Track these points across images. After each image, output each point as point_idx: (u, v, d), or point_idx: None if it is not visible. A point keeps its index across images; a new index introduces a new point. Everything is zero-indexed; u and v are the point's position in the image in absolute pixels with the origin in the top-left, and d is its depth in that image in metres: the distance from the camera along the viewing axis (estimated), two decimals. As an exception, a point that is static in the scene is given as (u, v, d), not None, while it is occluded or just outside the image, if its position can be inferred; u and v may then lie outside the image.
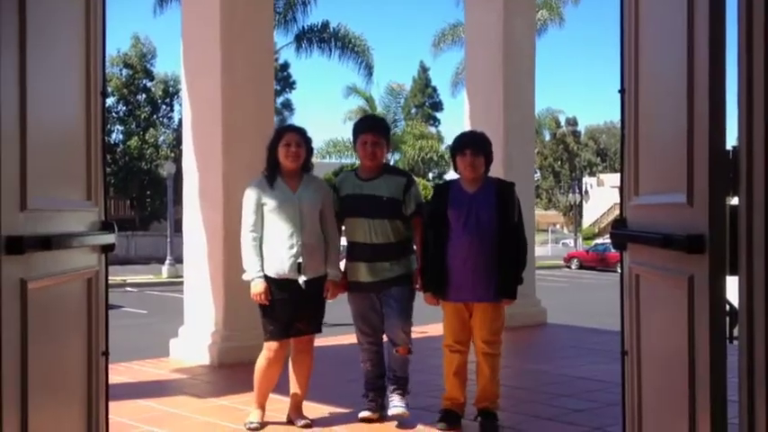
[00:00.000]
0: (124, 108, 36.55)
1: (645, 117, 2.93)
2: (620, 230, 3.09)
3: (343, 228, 4.84)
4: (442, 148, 33.49)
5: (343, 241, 5.01)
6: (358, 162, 4.94)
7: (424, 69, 50.34)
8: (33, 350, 2.45)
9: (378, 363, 4.90)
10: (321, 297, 4.62)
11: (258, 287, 4.49)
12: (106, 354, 3.09)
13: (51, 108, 2.70)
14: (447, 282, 4.60)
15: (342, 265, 4.85)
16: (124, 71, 36.05)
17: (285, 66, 39.47)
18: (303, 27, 28.60)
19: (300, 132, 4.66)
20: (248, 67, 7.04)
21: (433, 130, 44.91)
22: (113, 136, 35.60)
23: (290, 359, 4.74)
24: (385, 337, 4.89)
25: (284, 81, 40.08)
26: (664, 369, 2.71)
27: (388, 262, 4.69)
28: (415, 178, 5.75)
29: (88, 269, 2.98)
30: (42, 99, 2.57)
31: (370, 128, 4.88)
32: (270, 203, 4.53)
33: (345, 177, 4.96)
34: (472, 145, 4.65)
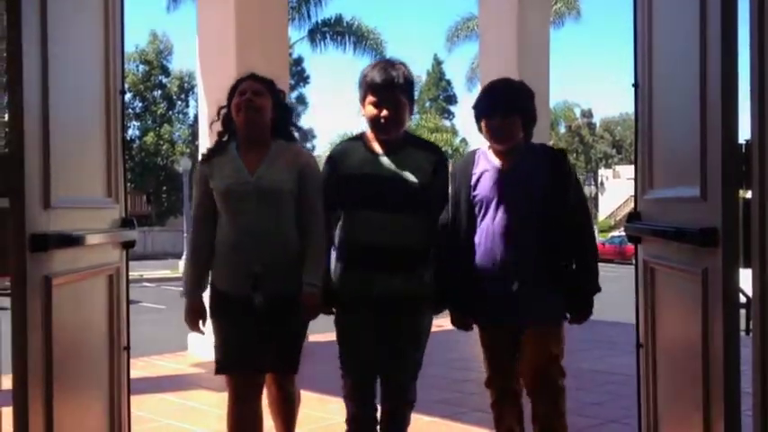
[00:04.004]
0: (140, 104, 36.79)
1: (658, 111, 2.95)
2: (635, 224, 3.11)
3: (340, 222, 3.19)
4: (457, 141, 33.49)
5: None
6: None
7: (438, 63, 50.26)
8: (57, 345, 2.51)
9: None
10: (294, 323, 3.12)
11: (187, 308, 3.15)
12: (128, 349, 3.15)
13: (72, 107, 2.75)
14: (479, 297, 3.15)
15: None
16: (141, 67, 36.27)
17: (299, 60, 39.52)
18: (317, 21, 28.65)
19: (263, 81, 3.19)
20: (263, 63, 7.06)
21: (447, 123, 44.88)
22: (130, 132, 35.76)
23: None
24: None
25: (298, 76, 40.16)
26: (678, 361, 2.73)
27: (407, 272, 3.09)
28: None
29: (110, 265, 3.03)
30: (64, 98, 2.62)
31: (381, 81, 3.07)
32: (216, 188, 3.09)
33: (349, 149, 3.21)
34: (503, 102, 3.13)
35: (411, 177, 3.07)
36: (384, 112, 3.07)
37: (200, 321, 3.16)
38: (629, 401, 3.78)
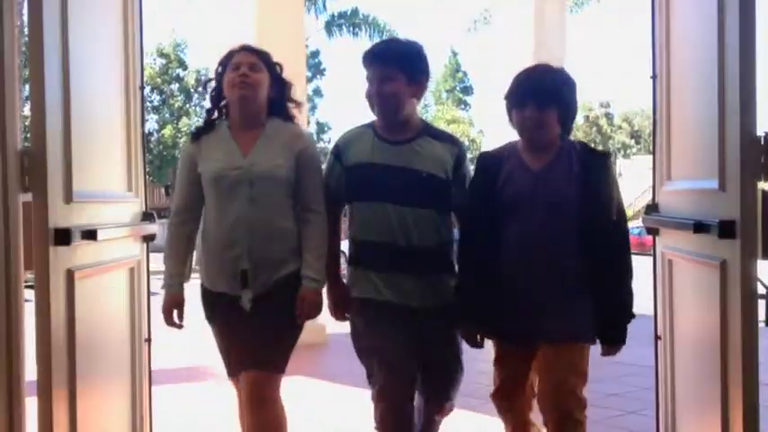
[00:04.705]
0: (158, 98, 36.98)
1: (676, 103, 2.94)
2: (653, 215, 3.11)
3: (347, 217, 2.95)
4: (474, 132, 33.41)
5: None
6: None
7: (453, 54, 50.11)
8: (80, 337, 2.55)
9: None
10: (284, 319, 2.75)
11: (165, 302, 2.82)
12: (149, 340, 3.19)
13: (93, 102, 2.79)
14: (499, 310, 2.73)
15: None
16: (158, 61, 36.44)
17: (315, 53, 39.56)
18: (333, 14, 28.65)
19: (259, 53, 2.84)
20: (280, 56, 7.09)
21: (464, 114, 44.80)
22: (148, 125, 35.99)
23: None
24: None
25: (315, 68, 40.20)
26: (696, 353, 2.73)
27: (422, 275, 2.80)
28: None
29: (131, 258, 3.07)
30: (84, 94, 2.66)
31: (376, 59, 2.80)
32: (204, 172, 2.77)
33: (358, 135, 2.89)
34: (538, 92, 2.68)
35: (424, 168, 2.76)
36: (373, 88, 2.76)
37: (176, 313, 2.80)
38: (647, 393, 3.78)
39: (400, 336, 2.76)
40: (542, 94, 2.68)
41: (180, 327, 2.82)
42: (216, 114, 2.86)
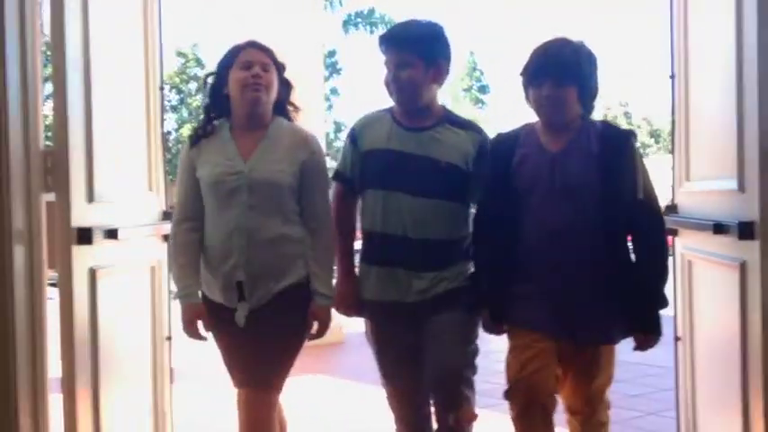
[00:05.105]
0: (177, 97, 37.20)
1: (695, 103, 2.93)
2: (672, 216, 3.10)
3: (360, 207, 2.77)
4: (491, 131, 33.25)
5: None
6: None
7: (470, 53, 50.00)
8: (102, 335, 2.59)
9: None
10: (282, 335, 2.57)
11: (185, 313, 2.60)
12: (170, 338, 3.22)
13: (114, 102, 2.81)
14: (519, 296, 2.55)
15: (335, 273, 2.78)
16: (177, 60, 36.66)
17: (332, 52, 39.62)
18: (350, 13, 28.68)
19: (268, 51, 2.65)
20: (297, 56, 7.10)
21: (481, 113, 44.71)
22: (166, 125, 36.20)
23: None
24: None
25: (332, 67, 40.24)
26: (716, 354, 2.72)
27: (435, 272, 2.62)
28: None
29: (152, 257, 3.10)
30: (106, 94, 2.69)
31: (392, 44, 2.65)
32: (203, 176, 2.60)
33: (375, 120, 2.74)
34: (556, 67, 2.48)
35: (443, 157, 2.59)
36: (392, 74, 2.61)
37: (200, 323, 2.60)
38: (668, 394, 3.77)
39: (407, 352, 2.64)
40: (560, 69, 2.47)
41: (204, 339, 2.64)
42: (215, 113, 2.66)
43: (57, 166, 2.43)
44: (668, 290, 2.80)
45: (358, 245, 2.80)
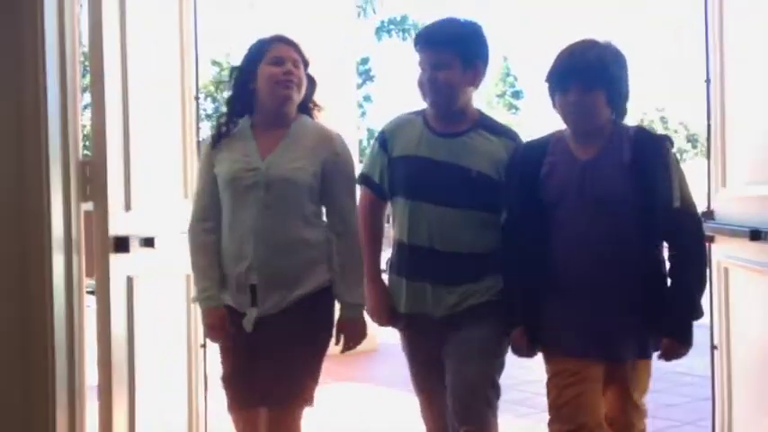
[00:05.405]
0: (212, 105, 37.62)
1: (731, 107, 2.90)
2: (708, 223, 3.06)
3: (390, 216, 2.66)
4: (524, 136, 33.12)
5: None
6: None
7: (504, 58, 49.92)
8: (139, 342, 2.63)
9: None
10: (300, 348, 2.40)
11: (208, 317, 2.45)
12: (204, 346, 3.25)
13: (150, 112, 2.86)
14: (553, 316, 2.41)
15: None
16: (212, 69, 37.09)
17: (365, 59, 39.77)
18: (383, 20, 28.79)
19: (296, 47, 2.51)
20: (330, 63, 7.15)
21: (514, 118, 44.56)
22: (201, 133, 36.52)
23: None
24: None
25: (365, 74, 40.40)
26: (753, 363, 2.68)
27: (465, 286, 2.48)
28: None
29: (187, 265, 3.13)
30: (142, 104, 2.74)
31: (429, 43, 2.51)
32: (220, 173, 2.46)
33: (406, 123, 2.60)
34: (582, 71, 2.34)
35: (474, 165, 2.45)
36: (427, 75, 2.46)
37: (223, 327, 2.42)
38: (704, 403, 3.71)
39: (437, 365, 2.51)
40: (587, 73, 2.32)
41: (229, 345, 2.44)
42: (239, 109, 2.49)
43: (95, 176, 2.48)
44: (704, 297, 2.77)
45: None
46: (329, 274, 2.42)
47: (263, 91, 2.42)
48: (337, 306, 2.48)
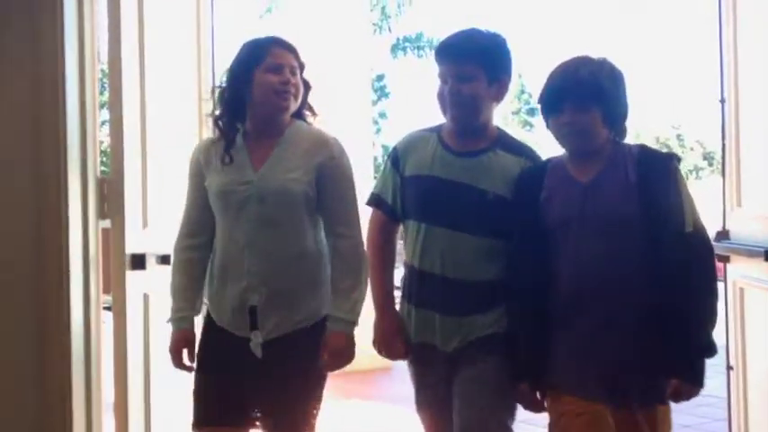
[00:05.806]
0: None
1: (746, 127, 2.90)
2: (723, 242, 3.05)
3: (402, 240, 2.47)
4: (540, 153, 33.07)
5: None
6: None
7: (518, 75, 50.01)
8: (155, 359, 2.64)
9: None
10: (298, 365, 2.22)
11: (173, 341, 2.29)
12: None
13: (167, 129, 2.89)
14: (559, 356, 2.19)
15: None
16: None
17: (381, 76, 39.91)
18: (398, 37, 28.92)
19: (293, 51, 2.33)
20: (346, 80, 7.19)
21: (530, 135, 44.54)
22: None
23: None
24: None
25: (380, 91, 40.53)
26: (770, 384, 2.66)
27: (474, 316, 2.29)
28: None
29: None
30: (159, 120, 2.76)
31: (452, 54, 2.32)
32: (210, 186, 2.28)
33: (420, 141, 2.41)
34: (574, 92, 2.18)
35: (491, 187, 2.27)
36: (446, 88, 2.28)
37: (186, 353, 2.27)
38: (721, 424, 3.68)
39: (443, 399, 2.34)
40: (580, 92, 2.16)
41: (191, 369, 2.29)
42: (238, 120, 2.29)
43: (112, 193, 2.51)
44: (719, 320, 2.75)
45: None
46: (333, 295, 2.26)
47: (259, 99, 2.24)
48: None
